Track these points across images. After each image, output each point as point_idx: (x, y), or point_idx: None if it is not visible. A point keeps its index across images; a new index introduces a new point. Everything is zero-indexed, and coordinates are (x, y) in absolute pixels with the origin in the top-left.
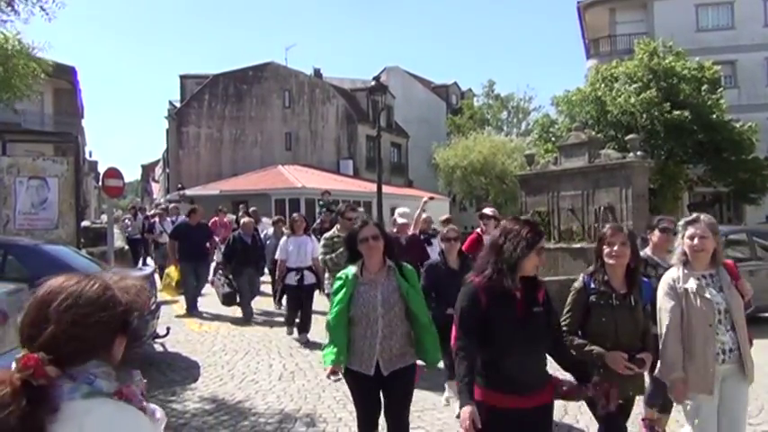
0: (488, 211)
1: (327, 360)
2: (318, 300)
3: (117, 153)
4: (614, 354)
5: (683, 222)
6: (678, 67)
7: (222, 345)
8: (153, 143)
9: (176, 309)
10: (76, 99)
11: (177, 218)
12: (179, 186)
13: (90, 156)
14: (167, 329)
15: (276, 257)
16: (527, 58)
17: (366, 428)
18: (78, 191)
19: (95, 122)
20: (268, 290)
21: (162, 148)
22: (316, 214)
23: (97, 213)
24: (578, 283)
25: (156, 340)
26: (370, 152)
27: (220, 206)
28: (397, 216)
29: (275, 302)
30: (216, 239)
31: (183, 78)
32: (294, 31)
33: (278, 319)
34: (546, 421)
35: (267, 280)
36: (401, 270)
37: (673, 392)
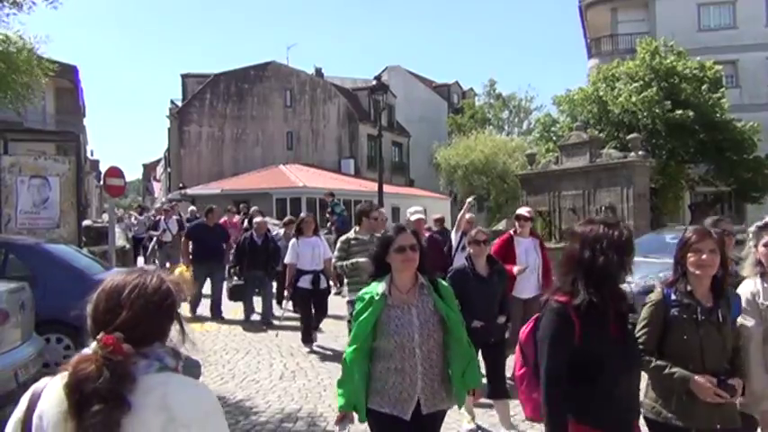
0: (525, 212)
1: (340, 402)
2: (331, 301)
3: (118, 152)
4: (701, 378)
5: (756, 228)
6: (680, 67)
7: (223, 344)
8: (154, 142)
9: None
10: (78, 98)
11: (178, 216)
12: (180, 185)
13: (91, 155)
14: None
15: (286, 261)
16: (528, 58)
17: None
18: (80, 190)
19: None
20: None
21: (163, 148)
22: (323, 214)
23: (99, 212)
24: (656, 295)
25: None
26: (371, 151)
27: (229, 206)
28: (411, 212)
29: (277, 303)
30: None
31: (185, 77)
32: (295, 31)
33: (282, 322)
34: None
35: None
36: (436, 287)
37: (765, 427)
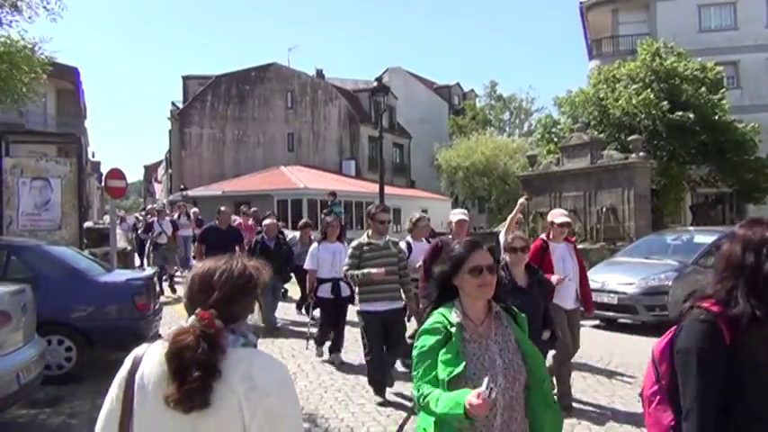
0: (564, 219)
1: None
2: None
3: (120, 154)
4: None
5: None
6: (680, 68)
7: None
8: (155, 144)
9: (178, 309)
10: (79, 100)
11: (178, 217)
12: (181, 187)
13: (93, 156)
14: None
15: (306, 267)
16: (529, 59)
17: None
18: (81, 192)
19: (98, 123)
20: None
21: (164, 149)
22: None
23: (100, 214)
24: None
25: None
26: (372, 153)
27: (243, 208)
28: (454, 213)
29: (298, 309)
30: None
31: (186, 79)
32: (297, 32)
33: (289, 326)
34: None
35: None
36: (513, 316)
37: None
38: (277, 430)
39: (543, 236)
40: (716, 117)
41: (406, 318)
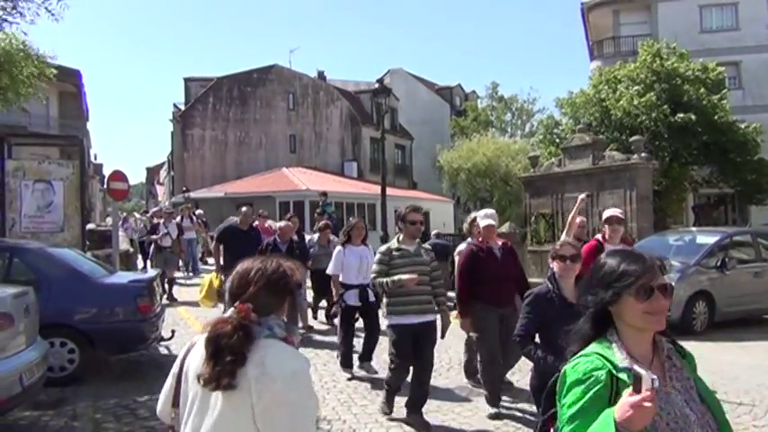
0: (616, 213)
1: None
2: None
3: (122, 156)
4: None
5: None
6: (682, 69)
7: None
8: (158, 146)
9: (181, 311)
10: (81, 102)
11: (181, 219)
12: (183, 189)
13: (95, 159)
14: (172, 332)
15: (329, 272)
16: (531, 60)
17: None
18: (83, 194)
19: (100, 125)
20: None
21: (166, 151)
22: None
23: (102, 216)
24: None
25: (161, 343)
26: (374, 154)
27: (261, 210)
28: (481, 216)
29: (314, 317)
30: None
31: (188, 81)
32: (298, 34)
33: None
34: None
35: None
36: (682, 355)
37: None
38: (278, 415)
39: (599, 237)
40: (718, 118)
41: (439, 334)
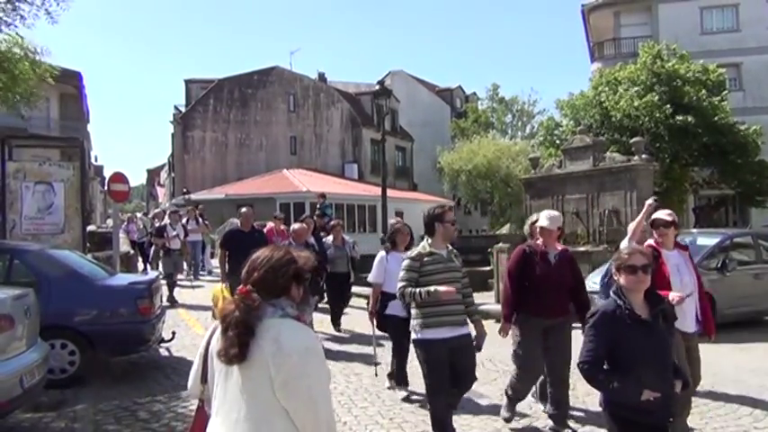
0: (667, 216)
1: None
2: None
3: (122, 158)
4: None
5: None
6: (682, 70)
7: None
8: (158, 148)
9: (181, 313)
10: (82, 104)
11: (187, 221)
12: (184, 191)
13: (96, 160)
14: (173, 334)
15: (371, 280)
16: (531, 62)
17: None
18: (84, 195)
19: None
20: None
21: (167, 153)
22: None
23: (103, 218)
24: None
25: (162, 344)
26: (374, 156)
27: (276, 212)
28: (546, 217)
29: (335, 325)
30: None
31: (189, 83)
32: (299, 36)
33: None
34: None
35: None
36: None
37: None
38: (297, 387)
39: (651, 241)
40: (718, 119)
41: (476, 348)
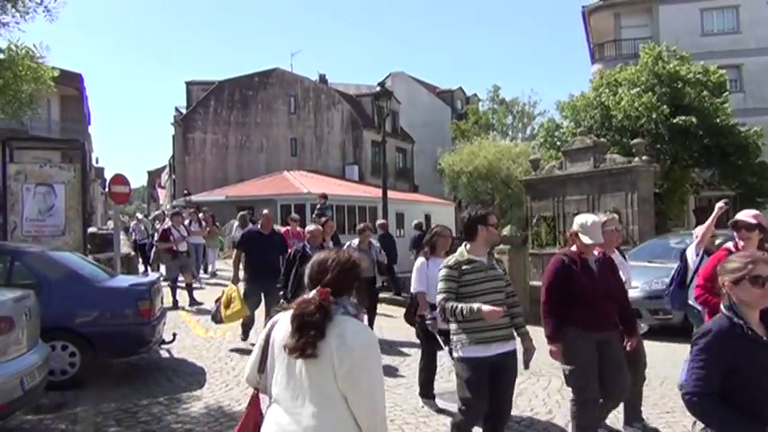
0: (752, 219)
1: None
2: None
3: (123, 159)
4: None
5: None
6: (683, 72)
7: (228, 351)
8: (159, 149)
9: (182, 314)
10: (83, 106)
11: (189, 223)
12: (185, 192)
13: (96, 162)
14: (174, 335)
15: (413, 289)
16: (532, 63)
17: None
18: (85, 197)
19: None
20: None
21: (168, 155)
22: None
23: (104, 220)
24: None
25: (163, 346)
26: (375, 157)
27: (292, 214)
28: (602, 218)
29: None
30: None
31: (189, 85)
32: (299, 37)
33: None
34: None
35: None
36: None
37: None
38: (358, 378)
39: (730, 245)
40: (719, 120)
41: (524, 364)
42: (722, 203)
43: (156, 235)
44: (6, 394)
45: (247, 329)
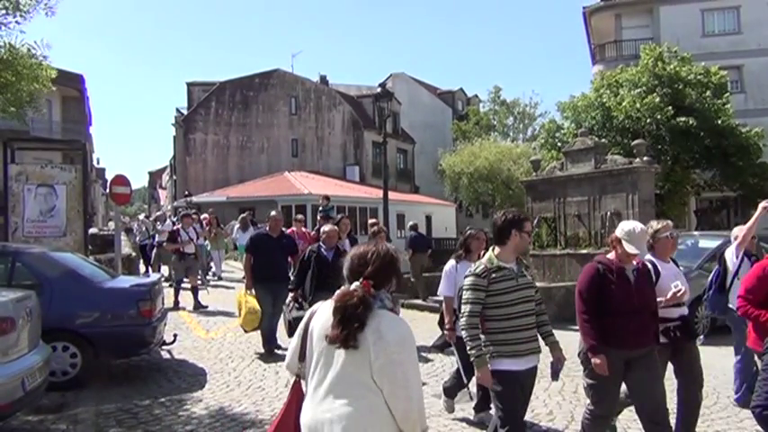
0: None
1: None
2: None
3: (124, 160)
4: None
5: None
6: (684, 72)
7: (229, 352)
8: (160, 150)
9: (183, 315)
10: (84, 107)
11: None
12: (186, 193)
13: (98, 163)
14: (174, 336)
15: (441, 293)
16: (533, 64)
17: None
18: (86, 198)
19: (103, 130)
20: None
21: (169, 155)
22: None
23: (105, 220)
24: None
25: (164, 347)
26: (376, 158)
27: (299, 215)
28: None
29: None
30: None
31: (190, 86)
32: (300, 38)
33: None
34: None
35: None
36: None
37: None
38: (393, 372)
39: None
40: (720, 121)
41: (552, 374)
42: (766, 203)
43: (158, 236)
44: (7, 395)
45: (271, 338)
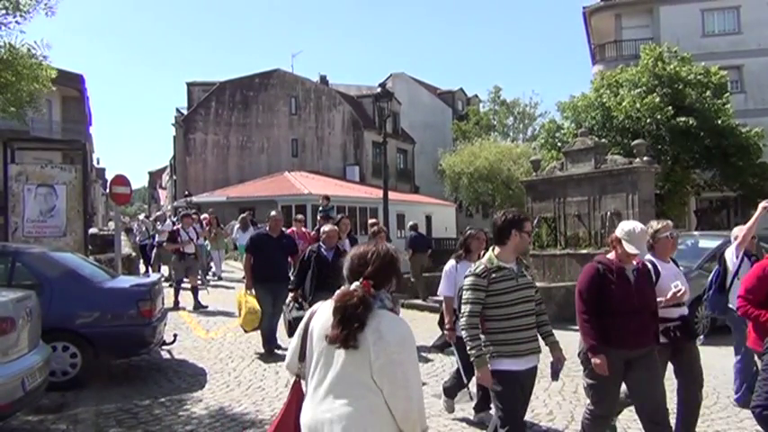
0: None
1: None
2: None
3: (124, 160)
4: None
5: None
6: (684, 72)
7: (229, 352)
8: (160, 150)
9: (183, 315)
10: (84, 107)
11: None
12: (186, 193)
13: (98, 163)
14: (174, 336)
15: (441, 293)
16: (533, 64)
17: None
18: (86, 198)
19: (103, 130)
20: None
21: (169, 155)
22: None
23: (105, 220)
24: None
25: (164, 347)
26: (376, 158)
27: (299, 215)
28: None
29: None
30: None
31: (190, 86)
32: (300, 38)
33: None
34: None
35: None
36: None
37: None
38: (393, 372)
39: None
40: (720, 121)
41: (552, 374)
42: (766, 203)
43: (158, 236)
44: (7, 395)
45: (271, 338)
